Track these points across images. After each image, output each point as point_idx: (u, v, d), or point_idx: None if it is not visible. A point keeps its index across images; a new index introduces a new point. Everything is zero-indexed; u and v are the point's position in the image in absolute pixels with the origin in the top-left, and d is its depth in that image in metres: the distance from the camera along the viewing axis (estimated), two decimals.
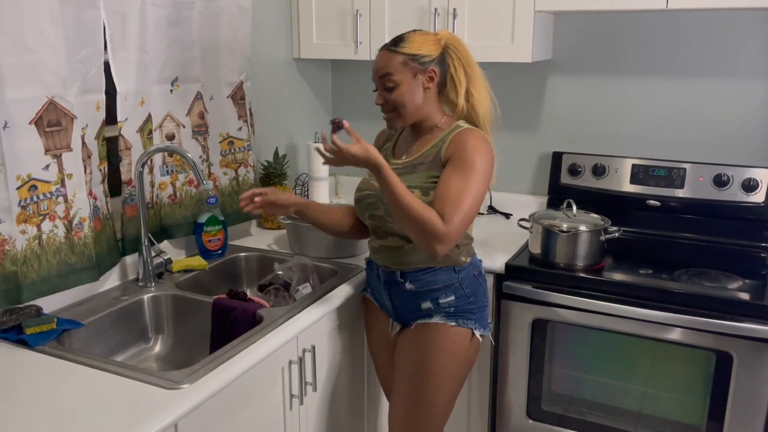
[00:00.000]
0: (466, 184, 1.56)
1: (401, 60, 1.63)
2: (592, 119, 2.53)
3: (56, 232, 1.66)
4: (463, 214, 1.55)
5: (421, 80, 1.65)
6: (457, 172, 1.58)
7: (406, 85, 1.64)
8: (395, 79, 1.63)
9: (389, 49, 1.66)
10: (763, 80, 2.25)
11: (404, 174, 1.67)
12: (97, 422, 1.23)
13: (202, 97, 2.14)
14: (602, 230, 2.09)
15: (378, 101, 1.68)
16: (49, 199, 1.64)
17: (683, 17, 2.32)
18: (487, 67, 2.71)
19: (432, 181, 1.63)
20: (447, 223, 1.53)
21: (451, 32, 1.73)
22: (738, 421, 1.90)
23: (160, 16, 1.94)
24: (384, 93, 1.66)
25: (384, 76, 1.64)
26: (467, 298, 1.71)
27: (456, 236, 1.55)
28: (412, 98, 1.65)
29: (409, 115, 1.67)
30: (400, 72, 1.63)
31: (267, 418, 1.61)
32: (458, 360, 1.72)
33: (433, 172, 1.64)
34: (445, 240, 1.53)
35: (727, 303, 1.87)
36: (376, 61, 1.68)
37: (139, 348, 1.85)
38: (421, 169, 1.66)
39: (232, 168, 2.29)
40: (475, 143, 1.61)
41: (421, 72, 1.65)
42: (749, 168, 2.25)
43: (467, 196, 1.55)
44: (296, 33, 2.62)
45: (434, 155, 1.65)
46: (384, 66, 1.64)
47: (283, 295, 1.98)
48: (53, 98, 1.59)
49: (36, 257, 1.63)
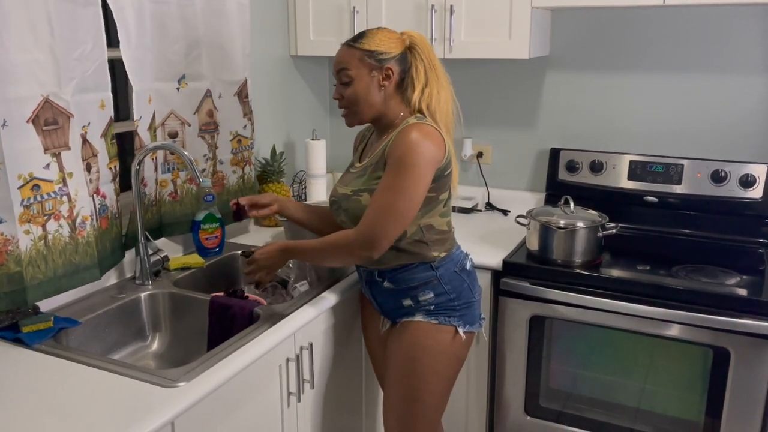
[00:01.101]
0: (393, 182, 1.56)
1: (358, 55, 1.63)
2: (590, 116, 2.53)
3: (61, 232, 1.65)
4: (384, 212, 1.56)
5: (377, 77, 1.64)
6: (388, 172, 1.59)
7: (361, 81, 1.63)
8: (351, 74, 1.63)
9: (349, 45, 1.66)
10: (760, 76, 2.25)
11: (357, 178, 1.70)
12: (95, 420, 1.23)
13: (211, 95, 2.14)
14: (600, 227, 2.09)
15: (335, 96, 1.68)
16: (53, 198, 1.63)
17: (680, 13, 2.32)
18: (484, 64, 2.71)
19: (377, 182, 1.62)
20: (360, 227, 1.59)
21: (418, 33, 1.70)
22: (735, 417, 1.90)
23: (161, 13, 1.94)
24: (340, 88, 1.67)
25: (341, 70, 1.65)
26: (448, 294, 1.70)
27: (379, 236, 1.57)
28: (367, 95, 1.64)
29: (363, 112, 1.67)
30: (356, 67, 1.63)
31: (264, 415, 1.61)
32: (443, 357, 1.72)
33: (378, 173, 1.63)
34: (365, 243, 1.58)
35: (725, 299, 1.87)
36: (336, 56, 1.68)
37: (137, 346, 1.85)
38: (369, 171, 1.67)
39: (240, 166, 2.29)
40: (418, 138, 1.56)
41: (377, 69, 1.63)
42: (747, 164, 2.25)
43: (391, 193, 1.56)
44: (293, 30, 2.61)
45: (380, 155, 1.65)
46: (341, 61, 1.65)
47: (281, 293, 1.98)
48: (48, 96, 1.58)
49: (42, 258, 1.61)
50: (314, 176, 2.59)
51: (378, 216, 1.57)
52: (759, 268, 2.08)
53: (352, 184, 1.70)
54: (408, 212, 1.58)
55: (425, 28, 2.34)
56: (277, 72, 2.62)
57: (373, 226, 1.57)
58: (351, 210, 1.67)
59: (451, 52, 2.32)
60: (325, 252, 1.67)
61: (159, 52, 1.95)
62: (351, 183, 1.71)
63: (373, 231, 1.57)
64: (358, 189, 1.67)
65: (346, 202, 1.69)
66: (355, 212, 1.65)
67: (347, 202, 1.69)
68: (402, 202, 1.56)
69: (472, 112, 2.69)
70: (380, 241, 1.57)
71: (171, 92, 2.02)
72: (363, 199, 1.64)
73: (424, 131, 1.58)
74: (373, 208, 1.58)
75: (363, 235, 1.58)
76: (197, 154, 2.13)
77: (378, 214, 1.57)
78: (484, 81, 2.66)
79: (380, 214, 1.57)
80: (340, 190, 1.74)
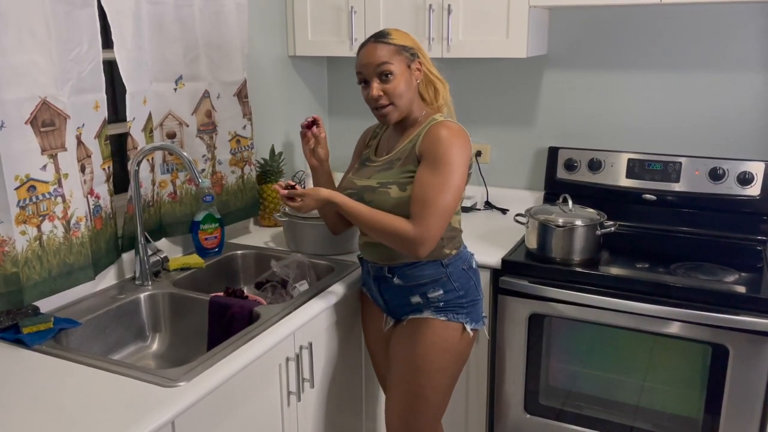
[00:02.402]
0: (438, 180, 1.58)
1: (395, 50, 1.63)
2: (588, 114, 2.53)
3: (56, 233, 1.66)
4: (437, 211, 1.57)
5: (414, 70, 1.66)
6: (429, 170, 1.60)
7: (403, 75, 1.64)
8: (393, 68, 1.62)
9: (379, 41, 1.65)
10: (757, 74, 2.26)
11: (382, 171, 1.70)
12: (95, 420, 1.23)
13: (209, 96, 2.14)
14: (598, 225, 2.09)
15: (374, 93, 1.64)
16: (48, 199, 1.63)
17: (677, 11, 2.32)
18: (482, 63, 2.72)
19: (408, 176, 1.64)
20: (418, 224, 1.58)
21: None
22: (734, 414, 1.90)
23: (158, 14, 1.94)
24: (379, 84, 1.64)
25: (381, 64, 1.62)
26: (456, 292, 1.71)
27: (434, 234, 1.58)
28: (408, 88, 1.65)
29: (404, 106, 1.67)
30: (396, 61, 1.63)
31: (264, 415, 1.62)
32: (450, 355, 1.72)
33: (408, 166, 1.65)
34: (422, 241, 1.58)
35: (723, 296, 1.88)
36: (366, 54, 1.65)
37: (137, 346, 1.85)
38: (397, 165, 1.68)
39: (239, 166, 2.30)
40: (450, 136, 1.61)
41: (412, 62, 1.66)
42: (744, 161, 2.25)
43: (440, 192, 1.58)
44: (291, 30, 2.61)
45: (410, 150, 1.66)
46: (380, 55, 1.63)
47: (280, 293, 1.98)
48: (46, 98, 1.59)
49: (37, 258, 1.62)
50: None
51: (431, 214, 1.58)
52: (757, 265, 2.08)
53: (376, 177, 1.70)
54: (454, 208, 1.63)
55: (423, 28, 2.34)
56: (276, 72, 2.62)
57: (430, 224, 1.58)
58: (377, 201, 1.67)
59: (449, 52, 2.32)
60: (376, 229, 1.64)
61: (156, 52, 1.95)
62: (375, 175, 1.71)
63: (429, 229, 1.58)
64: (385, 181, 1.67)
65: (371, 194, 1.68)
66: (381, 204, 1.66)
67: (372, 194, 1.68)
68: (450, 199, 1.59)
69: (470, 111, 2.70)
70: (433, 239, 1.59)
71: (168, 93, 2.03)
72: (392, 191, 1.64)
73: (456, 129, 1.63)
74: (424, 206, 1.58)
75: (419, 234, 1.58)
76: (196, 154, 2.13)
77: (431, 212, 1.57)
78: (482, 80, 2.66)
79: (433, 212, 1.58)
80: (359, 182, 1.73)
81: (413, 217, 1.59)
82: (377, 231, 1.65)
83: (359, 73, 1.67)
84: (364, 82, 1.68)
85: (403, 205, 1.62)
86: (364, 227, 1.68)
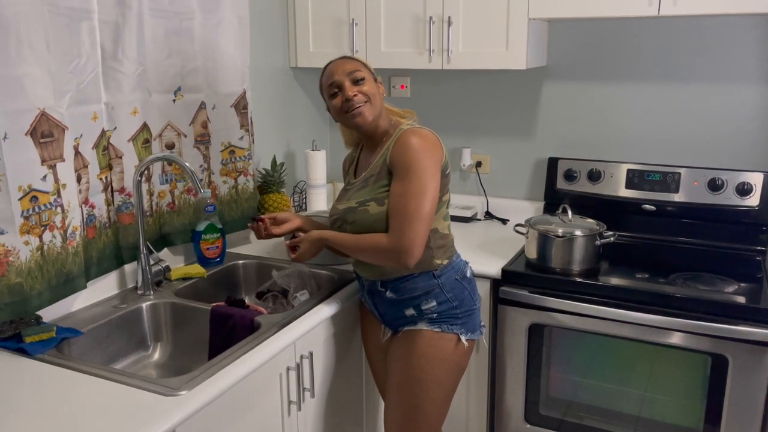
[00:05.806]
0: (409, 188, 1.60)
1: (362, 64, 1.73)
2: (588, 125, 2.55)
3: (55, 242, 1.67)
4: (413, 218, 1.59)
5: (379, 86, 1.74)
6: (400, 180, 1.62)
7: (371, 83, 1.71)
8: (364, 75, 1.70)
9: (346, 57, 1.75)
10: (756, 85, 2.27)
11: (359, 190, 1.73)
12: (97, 429, 1.24)
13: (205, 107, 2.16)
14: (598, 235, 2.10)
15: (349, 93, 1.67)
16: (49, 209, 1.65)
17: (675, 24, 2.34)
18: (482, 75, 2.73)
19: (384, 190, 1.66)
20: (395, 235, 1.60)
21: None
22: (734, 424, 1.90)
23: (159, 27, 1.96)
24: (352, 87, 1.68)
25: (353, 71, 1.69)
26: (450, 303, 1.72)
27: (413, 242, 1.59)
28: (375, 95, 1.71)
29: (378, 106, 1.71)
30: (366, 72, 1.71)
31: (265, 424, 1.62)
32: (445, 366, 1.73)
33: (383, 181, 1.67)
34: (402, 250, 1.60)
35: (723, 306, 1.88)
36: (336, 65, 1.71)
37: (138, 355, 1.86)
38: (371, 182, 1.70)
39: (232, 177, 2.30)
40: (416, 141, 1.62)
41: (376, 80, 1.74)
42: (743, 172, 2.27)
43: (412, 199, 1.59)
44: (293, 42, 2.64)
45: (381, 164, 1.69)
46: (351, 64, 1.71)
47: (281, 302, 1.99)
48: (45, 110, 1.60)
49: (39, 268, 1.63)
50: (314, 186, 2.61)
51: (406, 223, 1.59)
52: (756, 276, 2.09)
53: (355, 197, 1.73)
54: (431, 213, 1.62)
55: (423, 40, 2.36)
56: (278, 83, 2.64)
57: (406, 233, 1.59)
58: (359, 221, 1.69)
59: (449, 63, 2.35)
60: (360, 252, 1.70)
61: (155, 64, 1.97)
62: (353, 196, 1.74)
63: (407, 238, 1.59)
64: (363, 200, 1.69)
65: (352, 215, 1.71)
66: (363, 222, 1.68)
67: (353, 214, 1.70)
68: (424, 205, 1.60)
69: (470, 122, 2.71)
70: (414, 248, 1.60)
71: (167, 104, 2.04)
72: (371, 208, 1.67)
73: (421, 133, 1.65)
74: (398, 217, 1.60)
75: (397, 245, 1.60)
76: (193, 165, 2.14)
77: (406, 221, 1.59)
78: (482, 91, 2.68)
79: (408, 221, 1.59)
80: (341, 206, 1.76)
81: (390, 229, 1.62)
82: (361, 253, 1.70)
83: (331, 84, 1.70)
84: (336, 90, 1.70)
85: (384, 220, 1.64)
86: (351, 253, 1.73)
